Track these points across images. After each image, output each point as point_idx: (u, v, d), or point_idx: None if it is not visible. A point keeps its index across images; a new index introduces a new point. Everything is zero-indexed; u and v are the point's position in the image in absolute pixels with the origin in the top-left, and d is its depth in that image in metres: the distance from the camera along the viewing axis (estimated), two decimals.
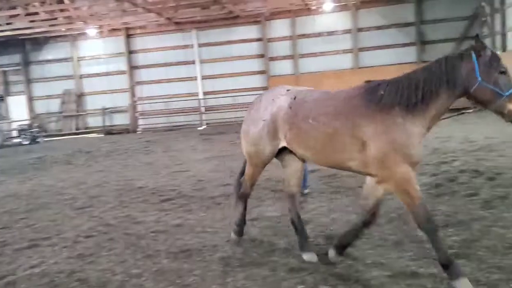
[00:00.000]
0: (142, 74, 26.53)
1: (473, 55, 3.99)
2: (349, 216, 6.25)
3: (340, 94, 4.57)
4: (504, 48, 19.63)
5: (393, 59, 23.66)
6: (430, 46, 23.35)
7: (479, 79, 3.93)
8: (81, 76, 27.10)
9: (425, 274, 4.29)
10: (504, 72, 3.95)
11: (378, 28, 23.84)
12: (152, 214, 7.31)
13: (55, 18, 22.52)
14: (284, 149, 4.93)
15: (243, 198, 5.48)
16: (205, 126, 25.12)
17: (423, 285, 4.12)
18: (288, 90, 4.94)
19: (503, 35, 19.70)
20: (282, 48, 24.88)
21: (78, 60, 27.04)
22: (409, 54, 23.57)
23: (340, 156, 4.39)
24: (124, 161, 13.97)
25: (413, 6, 23.25)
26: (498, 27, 20.20)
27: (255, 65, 25.32)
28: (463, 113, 4.83)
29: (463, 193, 6.84)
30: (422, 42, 23.38)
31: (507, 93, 3.88)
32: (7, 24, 22.32)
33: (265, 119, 4.88)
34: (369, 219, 4.55)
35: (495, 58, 3.98)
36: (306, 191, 7.56)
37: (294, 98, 4.77)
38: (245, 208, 5.53)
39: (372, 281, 4.30)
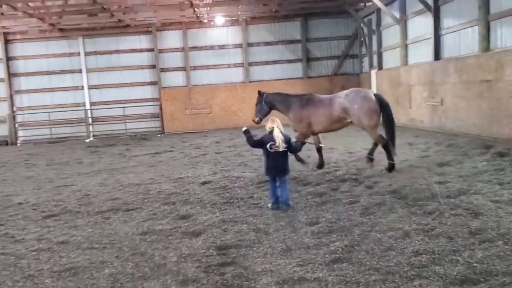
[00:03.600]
0: (22, 83, 24.60)
1: None
2: (240, 226, 6.39)
3: None
4: (380, 67, 21.50)
5: (281, 74, 24.75)
6: (315, 63, 24.83)
7: None
8: None
9: (311, 279, 4.53)
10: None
11: (267, 44, 24.76)
12: (33, 231, 6.83)
13: None
14: None
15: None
16: (92, 138, 23.97)
17: None
18: None
19: (379, 55, 21.58)
20: (174, 59, 24.68)
21: None
22: (296, 70, 24.82)
23: None
24: (1, 175, 12.85)
25: (299, 24, 24.54)
26: (375, 47, 22.07)
27: (146, 75, 24.81)
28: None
29: (345, 201, 7.33)
30: (308, 59, 24.74)
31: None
32: None
33: None
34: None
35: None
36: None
37: None
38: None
39: None
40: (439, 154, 11.05)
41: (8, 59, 24.20)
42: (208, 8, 21.31)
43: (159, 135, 23.74)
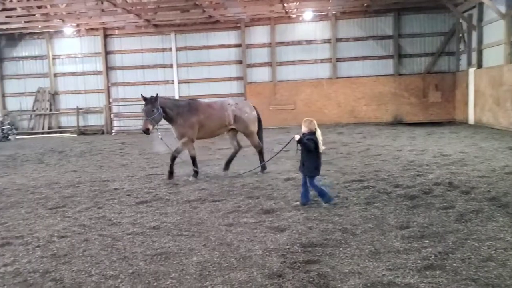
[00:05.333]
0: (118, 76, 26.17)
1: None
2: (325, 225, 6.27)
3: None
4: (479, 65, 20.13)
5: (370, 70, 24.03)
6: (407, 59, 23.79)
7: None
8: (55, 75, 26.53)
9: (401, 284, 4.33)
10: None
11: (357, 39, 24.10)
12: (128, 216, 7.21)
13: (33, 15, 22.07)
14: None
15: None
16: None
17: None
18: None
19: (479, 52, 20.17)
20: (260, 55, 24.87)
21: (53, 58, 26.46)
22: (386, 67, 23.93)
23: None
24: (99, 162, 13.75)
25: (391, 20, 23.64)
26: (474, 44, 20.68)
27: (233, 71, 25.27)
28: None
29: (438, 206, 6.94)
30: (399, 55, 23.78)
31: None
32: None
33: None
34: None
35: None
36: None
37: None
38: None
39: None
40: None
41: (107, 53, 25.85)
42: (298, 3, 21.25)
43: None
